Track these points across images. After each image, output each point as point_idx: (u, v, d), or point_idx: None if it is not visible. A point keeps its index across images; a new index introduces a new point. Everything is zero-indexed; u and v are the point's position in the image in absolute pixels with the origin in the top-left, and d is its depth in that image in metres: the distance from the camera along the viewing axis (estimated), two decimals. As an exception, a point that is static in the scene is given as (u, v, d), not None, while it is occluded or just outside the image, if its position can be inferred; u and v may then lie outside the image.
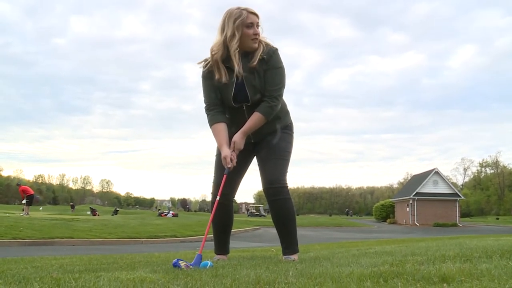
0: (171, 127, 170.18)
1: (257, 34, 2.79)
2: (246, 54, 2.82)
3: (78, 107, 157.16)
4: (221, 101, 2.91)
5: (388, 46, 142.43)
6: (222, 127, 2.87)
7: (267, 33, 2.89)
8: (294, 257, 2.93)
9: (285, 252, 2.97)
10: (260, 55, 2.79)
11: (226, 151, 2.79)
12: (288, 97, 3.19)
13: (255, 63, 2.79)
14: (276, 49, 2.85)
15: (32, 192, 20.42)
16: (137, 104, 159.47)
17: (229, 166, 2.78)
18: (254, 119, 2.83)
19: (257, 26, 2.81)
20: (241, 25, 2.75)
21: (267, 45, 2.85)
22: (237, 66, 2.76)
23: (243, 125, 2.87)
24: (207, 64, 2.88)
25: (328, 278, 1.77)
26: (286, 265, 2.43)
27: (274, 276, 1.86)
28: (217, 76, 2.82)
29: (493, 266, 1.89)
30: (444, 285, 1.57)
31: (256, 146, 3.00)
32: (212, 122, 2.89)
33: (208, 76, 2.88)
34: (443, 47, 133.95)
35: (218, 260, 3.02)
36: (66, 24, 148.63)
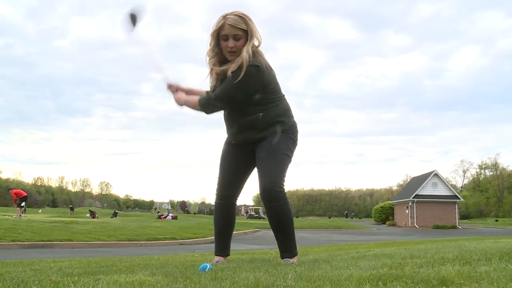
0: (172, 129, 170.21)
1: (233, 47, 2.72)
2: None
3: (79, 109, 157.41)
4: None
5: (390, 47, 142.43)
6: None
7: (270, 35, 2.87)
8: (293, 260, 2.92)
9: (283, 256, 2.96)
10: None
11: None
12: (290, 98, 3.18)
13: (227, 72, 2.77)
14: (254, 66, 2.74)
15: (25, 194, 20.43)
16: (138, 106, 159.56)
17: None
18: (192, 99, 3.03)
19: (237, 38, 2.72)
20: (216, 34, 2.77)
21: (252, 57, 2.75)
22: (210, 76, 2.92)
23: (240, 125, 2.93)
24: None
25: (327, 281, 1.76)
26: (285, 268, 2.43)
27: (273, 279, 1.85)
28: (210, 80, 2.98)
29: (492, 269, 1.89)
30: (443, 288, 1.57)
31: (256, 148, 2.98)
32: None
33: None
34: (445, 48, 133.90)
35: (217, 262, 3.01)
36: (68, 26, 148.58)
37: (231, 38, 2.72)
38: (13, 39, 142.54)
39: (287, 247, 2.95)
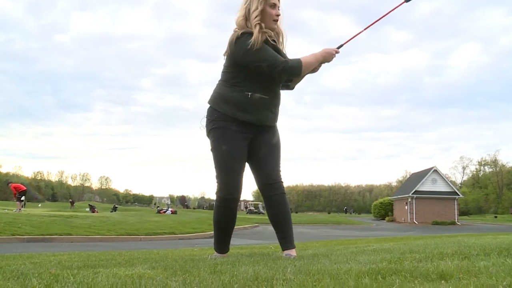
0: (172, 124, 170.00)
1: (278, 15, 2.87)
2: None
3: (79, 104, 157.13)
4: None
5: (391, 44, 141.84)
6: None
7: None
8: (294, 253, 2.92)
9: (286, 247, 2.95)
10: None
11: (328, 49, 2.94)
12: (289, 94, 3.22)
13: (283, 46, 2.94)
14: None
15: (24, 188, 20.45)
16: (138, 101, 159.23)
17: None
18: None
19: (278, 8, 2.89)
20: (265, 2, 2.82)
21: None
22: (256, 37, 2.74)
23: (277, 102, 2.97)
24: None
25: (326, 275, 1.77)
26: (284, 262, 2.43)
27: (272, 273, 1.86)
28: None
29: (491, 264, 1.90)
30: (442, 282, 1.57)
31: (253, 141, 2.92)
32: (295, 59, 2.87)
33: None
34: (446, 45, 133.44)
35: (216, 257, 3.01)
36: (68, 21, 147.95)
37: (277, 7, 2.89)
38: (14, 34, 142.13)
39: (290, 237, 2.96)
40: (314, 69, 2.95)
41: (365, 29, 3.01)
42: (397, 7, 3.00)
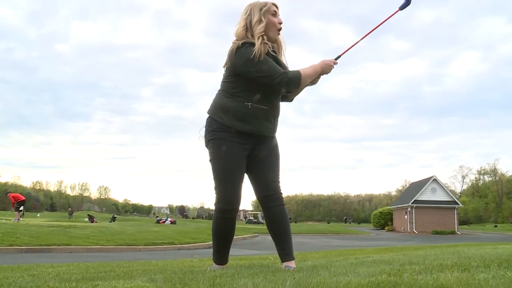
0: (172, 133, 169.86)
1: (281, 23, 2.88)
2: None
3: (79, 113, 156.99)
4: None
5: (390, 53, 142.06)
6: None
7: None
8: (294, 265, 2.91)
9: (285, 259, 2.92)
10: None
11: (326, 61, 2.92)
12: (289, 104, 3.21)
13: (283, 57, 2.93)
14: None
15: (23, 198, 20.38)
16: (138, 111, 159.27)
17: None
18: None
19: (278, 16, 2.90)
20: (267, 12, 2.84)
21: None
22: (258, 49, 2.74)
23: (277, 113, 2.96)
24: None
25: (325, 288, 1.76)
26: (283, 274, 2.42)
27: (271, 286, 1.85)
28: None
29: (491, 276, 1.89)
30: (442, 295, 1.56)
31: (252, 152, 2.91)
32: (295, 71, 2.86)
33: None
34: (445, 54, 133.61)
35: (215, 269, 3.00)
36: (69, 30, 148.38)
37: (278, 16, 2.89)
38: (14, 43, 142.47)
39: (289, 248, 2.93)
40: (313, 81, 2.95)
41: (361, 39, 3.01)
42: (392, 15, 2.99)
